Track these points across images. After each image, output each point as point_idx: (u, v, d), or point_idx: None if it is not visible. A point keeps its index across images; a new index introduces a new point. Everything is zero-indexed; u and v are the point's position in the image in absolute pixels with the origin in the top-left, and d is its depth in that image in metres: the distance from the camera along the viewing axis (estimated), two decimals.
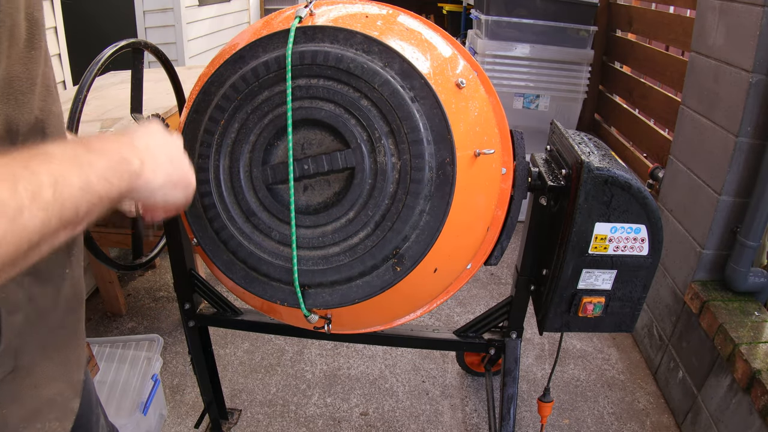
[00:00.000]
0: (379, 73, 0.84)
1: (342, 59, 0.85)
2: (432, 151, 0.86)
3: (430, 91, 0.85)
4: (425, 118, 0.85)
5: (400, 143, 0.85)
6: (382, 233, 0.88)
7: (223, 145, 0.91)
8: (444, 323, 2.27)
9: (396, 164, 0.86)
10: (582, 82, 2.92)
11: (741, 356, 1.45)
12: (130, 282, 2.48)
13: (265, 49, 0.89)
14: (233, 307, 1.40)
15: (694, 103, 1.81)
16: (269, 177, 0.90)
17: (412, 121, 0.84)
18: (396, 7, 1.03)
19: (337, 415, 1.80)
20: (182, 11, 3.67)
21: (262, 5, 5.32)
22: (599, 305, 1.13)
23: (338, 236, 0.90)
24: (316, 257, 0.91)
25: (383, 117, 0.85)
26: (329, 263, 0.91)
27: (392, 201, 0.87)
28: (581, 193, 1.01)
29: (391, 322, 1.17)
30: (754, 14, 1.46)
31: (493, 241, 1.08)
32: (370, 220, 0.88)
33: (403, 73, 0.85)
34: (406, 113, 0.84)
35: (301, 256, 0.91)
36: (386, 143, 0.86)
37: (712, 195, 1.66)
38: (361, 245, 0.89)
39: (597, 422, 1.81)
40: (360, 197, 0.88)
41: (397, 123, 0.85)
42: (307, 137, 0.90)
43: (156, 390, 1.63)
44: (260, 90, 0.89)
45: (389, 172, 0.86)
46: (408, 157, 0.85)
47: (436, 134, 0.86)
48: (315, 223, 0.91)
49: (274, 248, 0.93)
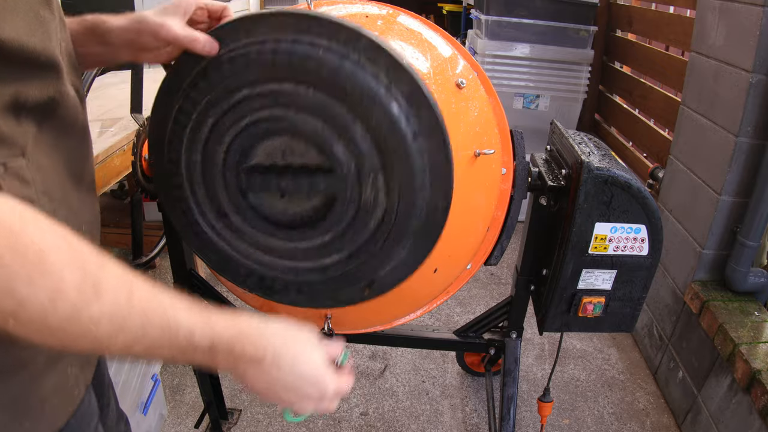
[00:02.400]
0: (380, 99, 0.70)
1: (339, 73, 0.69)
2: (427, 197, 0.76)
3: (438, 126, 0.72)
4: (427, 157, 0.73)
5: (392, 183, 0.74)
6: (355, 264, 0.83)
7: (195, 140, 0.80)
8: (444, 323, 2.27)
9: (383, 203, 0.76)
10: (582, 82, 2.92)
11: (741, 356, 1.45)
12: None
13: (248, 33, 0.74)
14: (233, 307, 1.40)
15: (694, 103, 1.81)
16: (243, 184, 0.81)
17: (409, 164, 0.73)
18: (396, 7, 1.03)
19: (337, 414, 1.80)
20: None
21: (262, 5, 5.32)
22: (599, 305, 1.13)
23: (310, 254, 0.84)
24: (286, 267, 0.87)
25: (378, 150, 0.72)
26: (298, 275, 0.87)
27: (371, 238, 0.79)
28: (581, 193, 1.01)
29: (391, 322, 1.17)
30: (754, 14, 1.45)
31: (493, 241, 1.08)
32: (344, 249, 0.82)
33: (411, 97, 0.71)
34: (405, 153, 0.72)
35: (271, 262, 0.87)
36: (376, 179, 0.74)
37: (712, 195, 1.66)
38: (333, 268, 0.84)
39: (597, 422, 1.81)
40: (337, 226, 0.80)
41: (392, 161, 0.73)
42: (289, 144, 0.79)
43: (156, 390, 1.63)
44: (238, 87, 0.76)
45: (373, 211, 0.77)
46: (397, 200, 0.75)
47: (436, 177, 0.75)
48: (288, 237, 0.85)
49: (246, 250, 0.87)
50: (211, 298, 1.39)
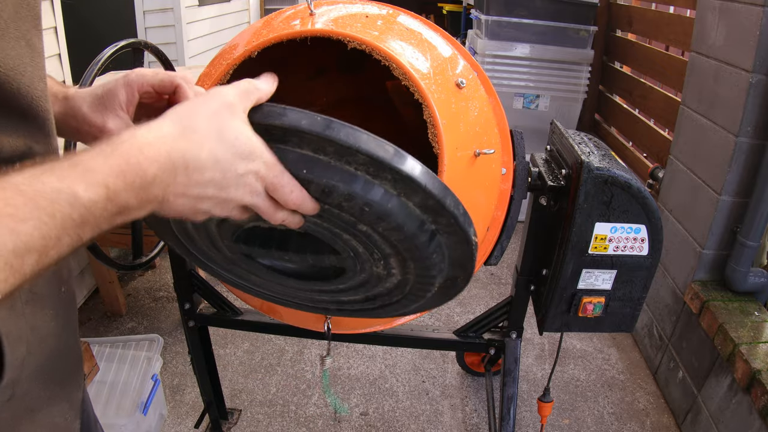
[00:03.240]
0: (391, 214, 0.56)
1: (354, 198, 0.54)
2: (445, 275, 0.67)
3: (459, 227, 0.59)
4: (446, 250, 0.63)
5: (407, 265, 0.65)
6: (371, 307, 0.79)
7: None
8: (444, 323, 2.27)
9: (396, 276, 0.69)
10: (582, 82, 2.92)
11: (741, 356, 1.45)
12: (130, 282, 2.48)
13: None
14: (233, 307, 1.40)
15: (694, 103, 1.81)
16: (241, 249, 0.74)
17: (428, 262, 0.64)
18: (396, 7, 1.03)
19: (337, 415, 1.80)
20: (182, 11, 3.67)
21: (262, 5, 5.32)
22: (599, 305, 1.13)
23: (324, 293, 0.80)
24: (299, 296, 0.82)
25: (390, 245, 0.62)
26: (313, 302, 0.83)
27: (387, 294, 0.74)
28: (581, 193, 1.01)
29: (391, 322, 1.17)
30: (754, 14, 1.45)
31: (493, 241, 1.08)
32: (359, 294, 0.77)
33: (427, 207, 0.57)
34: (423, 255, 0.62)
35: (283, 291, 0.82)
36: (389, 262, 0.66)
37: (712, 195, 1.66)
38: (348, 303, 0.81)
39: (597, 422, 1.81)
40: (350, 282, 0.74)
41: (406, 256, 0.63)
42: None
43: (156, 390, 1.63)
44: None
45: (387, 280, 0.70)
46: (413, 278, 0.68)
47: (456, 263, 0.66)
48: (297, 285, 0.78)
49: (255, 281, 0.82)
50: (212, 298, 1.39)
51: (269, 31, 0.91)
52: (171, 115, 0.47)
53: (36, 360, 0.55)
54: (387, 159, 0.52)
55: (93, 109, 0.62)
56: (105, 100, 0.62)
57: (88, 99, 0.62)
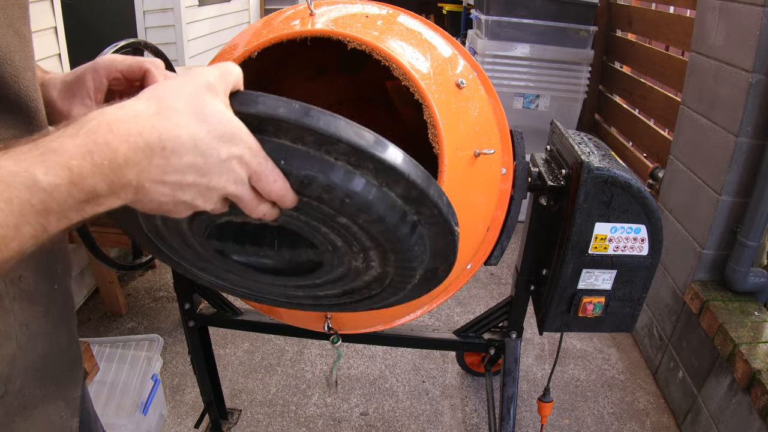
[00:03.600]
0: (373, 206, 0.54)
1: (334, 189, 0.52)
2: (426, 265, 0.66)
3: (442, 218, 0.58)
4: (428, 241, 0.62)
5: (386, 257, 0.63)
6: (348, 301, 0.78)
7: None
8: (444, 323, 2.27)
9: (375, 268, 0.67)
10: (582, 82, 2.92)
11: (741, 356, 1.45)
12: (130, 282, 2.48)
13: None
14: (233, 307, 1.40)
15: (694, 103, 1.81)
16: (214, 245, 0.71)
17: (409, 255, 0.62)
18: (396, 7, 1.03)
19: (337, 415, 1.80)
20: (182, 11, 3.67)
21: (262, 5, 5.32)
22: (599, 305, 1.13)
23: (300, 288, 0.78)
24: (277, 293, 0.81)
25: (370, 238, 0.60)
26: (291, 299, 0.83)
27: (365, 287, 0.73)
28: (581, 193, 1.01)
29: (391, 322, 1.17)
30: (754, 14, 1.46)
31: (493, 241, 1.08)
32: (336, 288, 0.75)
33: (409, 198, 0.55)
34: (404, 248, 0.60)
35: (260, 289, 0.81)
36: (369, 254, 0.64)
37: (712, 195, 1.66)
38: (326, 298, 0.79)
39: (597, 422, 1.81)
40: (326, 276, 0.72)
41: (386, 247, 0.61)
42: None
43: (156, 390, 1.63)
44: None
45: (365, 273, 0.68)
46: (392, 270, 0.66)
47: (437, 253, 0.65)
48: (273, 281, 0.76)
49: (233, 280, 0.81)
50: (211, 298, 1.39)
51: (269, 31, 0.91)
52: (147, 93, 0.43)
53: (28, 356, 0.54)
54: (368, 148, 0.49)
55: (61, 96, 0.60)
56: (73, 86, 0.60)
57: (59, 86, 0.60)
